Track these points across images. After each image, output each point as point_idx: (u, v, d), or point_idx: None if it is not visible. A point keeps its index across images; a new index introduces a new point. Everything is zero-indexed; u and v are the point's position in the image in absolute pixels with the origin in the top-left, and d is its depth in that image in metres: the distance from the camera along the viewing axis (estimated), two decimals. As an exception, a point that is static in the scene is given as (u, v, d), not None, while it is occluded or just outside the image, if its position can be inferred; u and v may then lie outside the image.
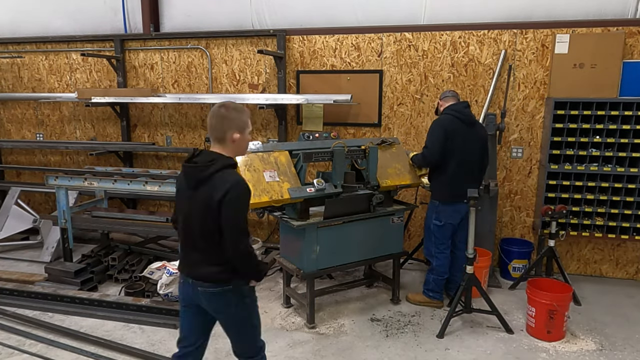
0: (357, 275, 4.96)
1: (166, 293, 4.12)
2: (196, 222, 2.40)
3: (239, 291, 2.46)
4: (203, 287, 2.42)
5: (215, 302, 2.46)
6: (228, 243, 2.34)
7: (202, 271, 2.42)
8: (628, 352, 3.64)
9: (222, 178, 2.33)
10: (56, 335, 3.78)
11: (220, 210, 2.30)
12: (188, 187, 2.42)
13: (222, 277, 2.41)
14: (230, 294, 2.44)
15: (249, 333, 2.58)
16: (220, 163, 2.37)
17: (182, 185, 2.48)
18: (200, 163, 2.39)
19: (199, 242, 2.42)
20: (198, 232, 2.41)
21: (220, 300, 2.45)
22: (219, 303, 2.46)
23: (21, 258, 5.52)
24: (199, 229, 2.39)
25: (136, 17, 6.02)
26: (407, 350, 3.63)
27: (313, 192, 3.77)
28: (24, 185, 6.35)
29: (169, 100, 5.56)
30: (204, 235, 2.39)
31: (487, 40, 4.88)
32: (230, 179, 2.33)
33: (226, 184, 2.30)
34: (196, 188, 2.38)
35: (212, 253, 2.40)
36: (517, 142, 4.99)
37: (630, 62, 4.48)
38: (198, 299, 2.47)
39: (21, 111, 6.60)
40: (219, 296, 2.43)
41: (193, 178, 2.40)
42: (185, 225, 2.48)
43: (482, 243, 4.65)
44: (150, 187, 4.60)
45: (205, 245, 2.41)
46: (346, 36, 5.25)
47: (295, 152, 3.93)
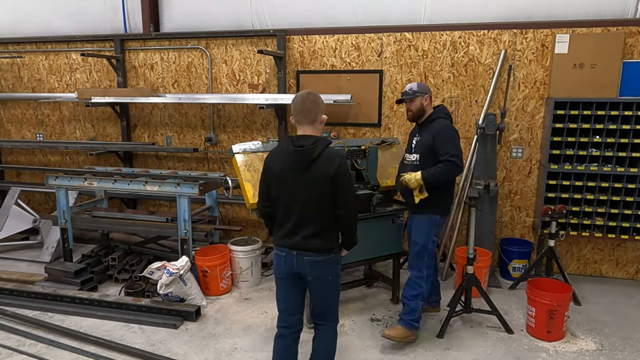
0: (357, 275, 4.96)
1: (166, 293, 4.12)
2: (309, 198, 2.66)
3: (336, 259, 2.82)
4: (310, 256, 2.71)
5: (318, 269, 2.74)
6: (345, 209, 2.68)
7: (312, 243, 2.70)
8: (628, 352, 3.64)
9: (329, 155, 2.64)
10: (56, 335, 3.78)
11: (336, 182, 2.61)
12: (296, 169, 2.66)
13: (328, 247, 2.74)
14: (333, 261, 2.78)
15: (337, 297, 2.92)
16: (323, 142, 2.67)
17: (284, 169, 2.69)
18: (307, 145, 2.63)
19: (308, 218, 2.68)
20: (311, 208, 2.67)
21: (323, 267, 2.75)
22: (322, 270, 2.76)
23: (21, 258, 5.53)
24: (313, 204, 2.66)
25: (136, 17, 6.02)
26: (407, 350, 3.63)
27: None
28: (24, 185, 6.35)
29: (169, 100, 5.56)
30: (316, 210, 2.67)
31: (487, 40, 4.88)
32: (337, 155, 2.69)
33: (336, 159, 2.63)
34: (308, 168, 2.63)
35: (319, 227, 2.69)
36: (517, 142, 4.99)
37: (630, 62, 4.48)
38: (302, 268, 2.74)
39: (21, 111, 6.60)
40: (323, 263, 2.74)
41: (304, 159, 2.63)
42: (291, 204, 2.71)
43: (482, 243, 4.65)
44: (150, 187, 4.60)
45: (314, 220, 2.68)
46: (346, 36, 5.25)
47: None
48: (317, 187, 2.64)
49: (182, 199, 4.47)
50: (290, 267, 2.77)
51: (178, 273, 4.10)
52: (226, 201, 5.66)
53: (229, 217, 6.03)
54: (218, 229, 5.11)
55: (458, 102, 5.05)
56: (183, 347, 3.65)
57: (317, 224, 2.70)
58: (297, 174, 2.67)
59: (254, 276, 4.71)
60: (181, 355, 3.54)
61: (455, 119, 5.08)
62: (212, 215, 5.23)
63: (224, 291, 4.57)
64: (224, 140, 5.88)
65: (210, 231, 4.78)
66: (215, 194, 5.26)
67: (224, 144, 5.87)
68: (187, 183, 4.48)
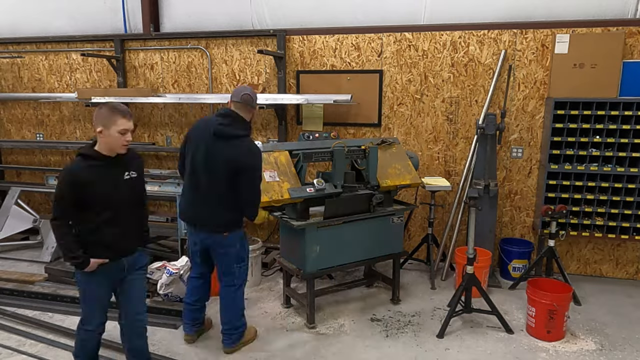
0: (357, 275, 4.96)
1: (166, 293, 4.12)
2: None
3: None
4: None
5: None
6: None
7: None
8: (628, 352, 3.64)
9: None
10: (56, 335, 3.78)
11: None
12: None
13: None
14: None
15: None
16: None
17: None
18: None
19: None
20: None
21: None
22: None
23: (21, 258, 5.53)
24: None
25: (136, 17, 6.02)
26: (407, 350, 3.63)
27: (313, 192, 3.77)
28: (24, 185, 6.35)
29: (169, 100, 5.55)
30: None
31: (487, 40, 4.88)
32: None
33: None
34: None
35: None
36: (517, 142, 4.99)
37: (630, 62, 4.48)
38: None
39: (21, 111, 6.60)
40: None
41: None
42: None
43: (482, 243, 4.65)
44: (150, 187, 4.60)
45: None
46: (346, 36, 5.25)
47: (295, 152, 3.93)
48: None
49: (182, 199, 4.46)
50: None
51: (178, 273, 4.10)
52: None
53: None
54: (218, 229, 5.10)
55: (458, 102, 5.05)
56: (183, 347, 3.65)
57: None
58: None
59: (254, 276, 4.71)
60: (181, 355, 3.54)
61: (455, 119, 5.09)
62: (212, 215, 5.22)
63: (224, 291, 4.57)
64: (224, 140, 5.87)
65: (210, 231, 4.77)
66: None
67: (224, 144, 5.86)
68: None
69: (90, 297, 2.93)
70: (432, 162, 5.24)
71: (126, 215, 2.83)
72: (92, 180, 2.68)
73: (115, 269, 2.88)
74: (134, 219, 2.92)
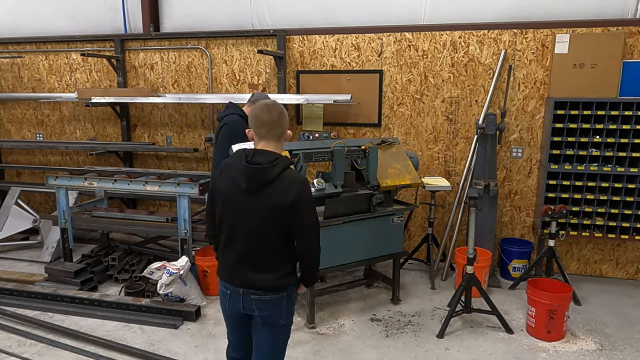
0: (357, 275, 4.96)
1: (166, 293, 4.12)
2: (258, 226, 2.24)
3: (291, 298, 2.39)
4: (257, 295, 2.29)
5: (268, 309, 2.32)
6: (306, 243, 2.32)
7: (259, 279, 2.29)
8: (628, 352, 3.64)
9: (290, 178, 2.22)
10: (56, 335, 3.78)
11: (294, 211, 2.21)
12: (246, 190, 2.23)
13: (280, 284, 2.31)
14: (285, 301, 2.35)
15: (284, 348, 2.53)
16: (283, 162, 2.24)
17: (232, 189, 2.27)
18: (264, 163, 2.20)
19: (255, 249, 2.28)
20: (261, 238, 2.26)
21: (273, 308, 2.33)
22: (272, 311, 2.33)
23: (21, 258, 5.52)
24: (263, 234, 2.25)
25: (136, 17, 6.02)
26: (407, 350, 3.63)
27: (313, 192, 3.77)
28: (24, 185, 6.35)
29: (169, 100, 5.56)
30: (265, 241, 2.26)
31: (487, 40, 4.88)
32: (298, 178, 2.26)
33: (296, 184, 2.21)
34: (258, 190, 2.21)
35: (271, 259, 2.30)
36: (517, 142, 4.99)
37: (630, 62, 4.48)
38: (249, 309, 2.33)
39: (21, 111, 6.60)
40: (273, 303, 2.32)
41: (255, 180, 2.21)
42: (236, 231, 2.29)
43: (482, 243, 4.65)
44: (150, 187, 4.61)
45: (262, 253, 2.28)
46: (346, 36, 5.25)
47: (295, 152, 3.93)
48: (270, 214, 2.22)
49: (182, 199, 4.47)
50: (236, 308, 2.36)
51: (178, 273, 4.10)
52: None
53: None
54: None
55: (458, 102, 5.05)
56: (183, 347, 3.65)
57: (266, 256, 2.28)
58: (247, 195, 2.23)
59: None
60: (181, 355, 3.54)
61: (455, 119, 5.09)
62: (212, 215, 5.22)
63: (224, 291, 4.57)
64: (224, 140, 5.87)
65: (210, 231, 4.77)
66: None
67: (224, 144, 5.87)
68: (187, 183, 4.48)
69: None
70: (432, 162, 5.24)
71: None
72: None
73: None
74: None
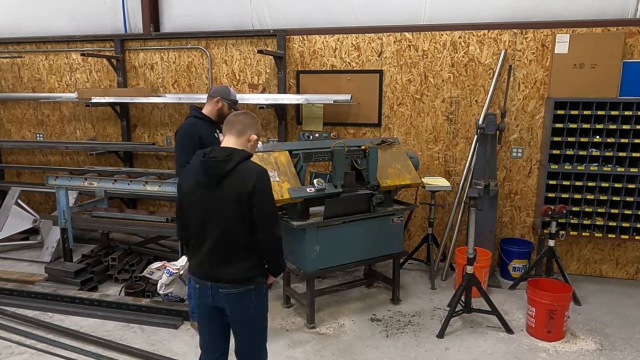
0: (357, 275, 4.96)
1: (166, 293, 4.12)
2: (222, 220, 2.30)
3: (260, 290, 2.43)
4: (225, 289, 2.35)
5: (236, 303, 2.38)
6: (264, 233, 2.31)
7: (226, 272, 2.35)
8: (628, 352, 3.64)
9: (246, 170, 2.27)
10: (56, 335, 3.78)
11: (252, 201, 2.25)
12: (207, 185, 2.30)
13: (247, 277, 2.37)
14: (254, 293, 2.39)
15: (261, 335, 2.56)
16: (240, 155, 2.30)
17: (193, 186, 2.36)
18: (220, 157, 2.28)
19: (221, 244, 2.33)
20: (224, 231, 2.31)
21: (241, 301, 2.39)
22: (241, 304, 2.39)
23: (21, 258, 5.52)
24: (227, 226, 2.30)
25: (136, 17, 6.02)
26: (407, 350, 3.63)
27: (313, 192, 3.77)
28: (24, 185, 6.35)
29: (169, 100, 5.56)
30: (230, 235, 2.31)
31: (487, 40, 4.88)
32: (254, 169, 2.30)
33: (252, 174, 2.26)
34: (218, 183, 2.27)
35: (236, 252, 2.35)
36: (517, 142, 4.99)
37: (630, 62, 4.48)
38: (219, 302, 2.40)
39: (21, 111, 6.60)
40: (242, 296, 2.38)
41: (213, 173, 2.27)
42: (202, 227, 2.35)
43: (482, 243, 4.65)
44: (150, 187, 4.60)
45: (229, 247, 2.34)
46: (346, 36, 5.25)
47: (295, 152, 3.93)
48: (230, 206, 2.26)
49: (182, 199, 4.46)
50: (207, 302, 2.43)
51: (178, 273, 4.10)
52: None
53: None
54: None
55: (458, 102, 5.05)
56: (183, 347, 3.65)
57: (231, 250, 2.34)
58: (207, 190, 2.30)
59: (254, 276, 4.70)
60: (181, 355, 3.54)
61: (455, 119, 5.09)
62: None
63: (224, 291, 4.57)
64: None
65: (210, 231, 4.77)
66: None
67: (224, 144, 5.86)
68: (187, 183, 4.47)
69: None
70: (432, 162, 5.24)
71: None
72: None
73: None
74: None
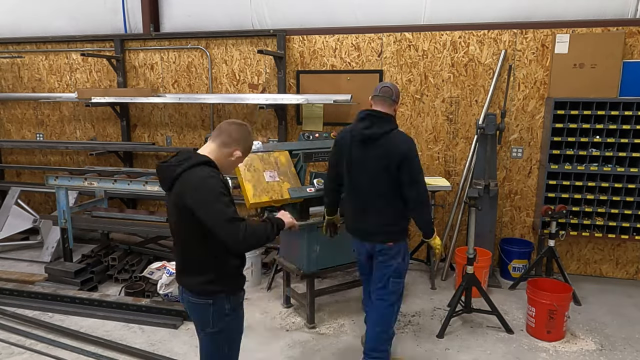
0: (357, 275, 4.94)
1: (166, 293, 4.13)
2: (177, 227, 2.22)
3: (219, 306, 2.21)
4: (187, 294, 2.25)
5: (196, 313, 2.27)
6: (223, 238, 2.08)
7: (188, 282, 2.25)
8: (628, 352, 3.64)
9: (192, 174, 2.10)
10: (56, 335, 3.78)
11: (192, 206, 2.08)
12: (166, 190, 2.21)
13: (204, 290, 2.20)
14: (212, 308, 2.20)
15: (222, 352, 2.35)
16: (195, 159, 2.13)
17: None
18: (174, 161, 2.17)
19: (182, 250, 2.26)
20: (181, 238, 2.24)
21: (200, 312, 2.24)
22: (199, 315, 2.26)
23: (21, 258, 5.52)
24: (182, 234, 2.22)
25: (136, 17, 6.02)
26: (407, 350, 3.63)
27: (313, 192, 3.77)
28: (24, 185, 6.35)
29: (169, 100, 5.56)
30: (186, 241, 2.21)
31: (487, 40, 4.88)
32: (201, 175, 2.09)
33: (194, 179, 2.09)
34: (170, 188, 2.17)
35: (193, 262, 2.22)
36: (517, 142, 4.99)
37: (630, 62, 4.48)
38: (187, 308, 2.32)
39: (21, 111, 6.60)
40: (200, 308, 2.23)
41: (167, 177, 2.16)
42: (171, 229, 2.30)
43: (482, 243, 4.65)
44: (150, 187, 4.61)
45: (184, 257, 2.26)
46: (346, 36, 5.25)
47: (295, 152, 3.93)
48: (178, 213, 2.15)
49: (182, 199, 4.46)
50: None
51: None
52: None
53: (229, 217, 6.02)
54: (218, 229, 5.10)
55: (458, 102, 5.05)
56: (183, 347, 3.65)
57: (189, 261, 2.23)
58: (168, 195, 2.20)
59: (254, 276, 4.71)
60: (181, 355, 3.54)
61: (455, 119, 5.09)
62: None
63: (224, 291, 4.57)
64: (224, 140, 5.87)
65: (210, 231, 4.76)
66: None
67: (224, 144, 5.86)
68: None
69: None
70: (432, 162, 5.24)
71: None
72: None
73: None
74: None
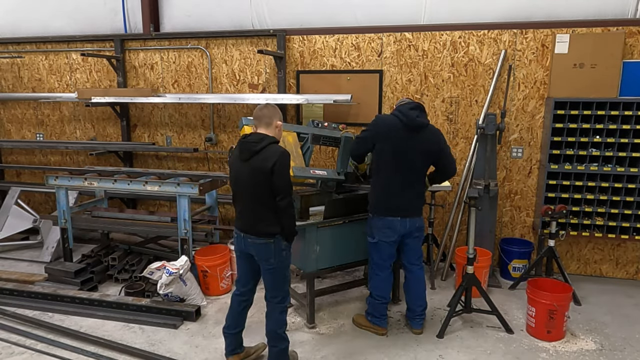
0: (357, 275, 4.96)
1: (166, 293, 4.12)
2: (251, 186, 3.03)
3: (279, 245, 3.08)
4: (252, 239, 3.08)
5: (262, 250, 3.09)
6: (282, 198, 2.98)
7: (255, 227, 3.07)
8: (628, 352, 3.64)
9: (271, 151, 2.97)
10: (56, 335, 3.78)
11: (273, 174, 2.94)
12: (241, 159, 3.04)
13: (268, 231, 3.04)
14: (272, 246, 3.06)
15: (282, 280, 3.21)
16: (268, 139, 3.02)
17: (235, 160, 3.12)
18: (252, 140, 3.02)
19: (251, 204, 3.06)
20: (255, 195, 3.04)
21: (265, 250, 3.08)
22: (265, 252, 3.08)
23: (21, 258, 5.53)
24: (256, 192, 3.03)
25: (136, 17, 6.02)
26: (407, 350, 3.63)
27: (317, 174, 3.79)
28: (24, 185, 6.35)
29: (169, 100, 5.56)
30: (258, 197, 3.02)
31: (487, 40, 4.88)
32: (278, 151, 2.99)
33: (276, 155, 2.95)
34: (248, 159, 3.00)
35: (261, 213, 3.05)
36: (517, 142, 4.99)
37: (630, 62, 4.48)
38: (247, 249, 3.15)
39: (21, 111, 6.60)
40: (265, 246, 3.06)
41: (247, 150, 3.00)
42: (239, 190, 3.14)
43: (482, 243, 4.66)
44: (150, 187, 4.61)
45: (256, 206, 3.05)
46: (346, 36, 5.25)
47: (303, 135, 3.97)
48: (258, 177, 2.98)
49: (182, 199, 4.47)
50: (240, 248, 3.21)
51: (178, 273, 4.10)
52: (226, 201, 5.66)
53: (229, 217, 6.03)
54: (218, 229, 5.11)
55: (458, 102, 5.05)
56: (183, 347, 3.65)
57: (258, 210, 3.05)
58: (242, 163, 3.05)
59: (254, 276, 4.70)
60: (181, 355, 3.54)
61: (455, 119, 5.09)
62: (212, 215, 5.23)
63: (224, 291, 4.57)
64: (224, 140, 5.88)
65: (210, 231, 4.78)
66: (215, 194, 5.26)
67: (224, 144, 5.87)
68: (187, 183, 4.48)
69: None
70: (432, 162, 5.23)
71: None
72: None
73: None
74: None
